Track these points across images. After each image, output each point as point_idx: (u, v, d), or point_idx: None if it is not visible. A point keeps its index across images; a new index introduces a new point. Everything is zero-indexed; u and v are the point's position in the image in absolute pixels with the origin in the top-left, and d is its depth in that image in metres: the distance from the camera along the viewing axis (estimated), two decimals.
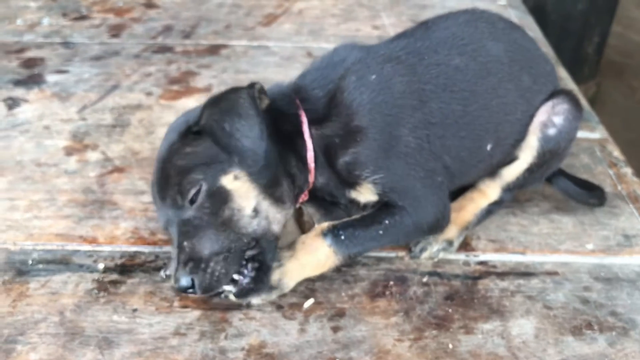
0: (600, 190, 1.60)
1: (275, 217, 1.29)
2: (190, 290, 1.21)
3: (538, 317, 1.30)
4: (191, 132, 1.25)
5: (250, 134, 1.22)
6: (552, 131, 1.46)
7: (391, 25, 2.52)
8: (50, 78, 2.11)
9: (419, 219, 1.34)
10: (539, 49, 1.57)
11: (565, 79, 2.17)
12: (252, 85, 1.28)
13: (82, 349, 1.20)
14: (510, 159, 1.50)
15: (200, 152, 1.23)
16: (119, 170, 1.68)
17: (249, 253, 1.25)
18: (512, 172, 1.51)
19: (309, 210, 1.50)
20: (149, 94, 2.03)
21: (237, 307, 1.30)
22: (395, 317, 1.29)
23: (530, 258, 1.45)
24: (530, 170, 1.49)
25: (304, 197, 1.39)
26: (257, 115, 1.23)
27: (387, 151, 1.32)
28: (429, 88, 1.37)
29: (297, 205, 1.41)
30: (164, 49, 2.31)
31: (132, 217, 1.53)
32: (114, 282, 1.36)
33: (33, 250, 1.43)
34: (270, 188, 1.27)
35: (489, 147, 1.43)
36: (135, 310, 1.29)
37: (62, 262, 1.40)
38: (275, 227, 1.29)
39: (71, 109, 1.94)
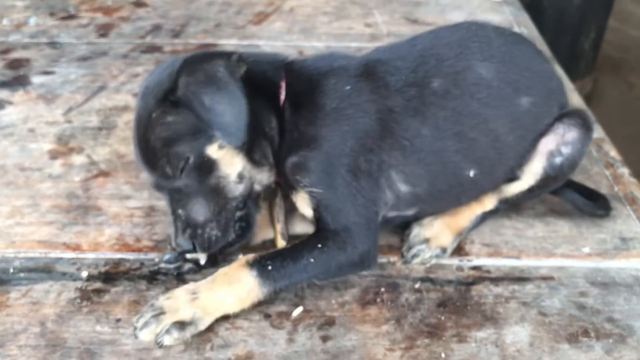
0: (604, 199, 1.55)
1: (257, 177, 1.32)
2: (193, 251, 1.30)
3: (533, 324, 1.27)
4: (169, 100, 1.22)
5: (231, 109, 1.21)
6: (558, 160, 1.41)
7: (384, 22, 2.48)
8: (36, 79, 2.07)
9: (351, 248, 1.28)
10: (545, 64, 1.46)
11: (561, 76, 2.13)
12: (229, 55, 1.24)
13: None
14: (510, 177, 1.45)
15: (182, 123, 1.22)
16: (104, 174, 1.64)
17: (238, 214, 1.30)
18: (511, 190, 1.46)
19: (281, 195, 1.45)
20: (136, 95, 1.98)
21: (224, 316, 1.26)
22: (386, 325, 1.26)
23: (525, 262, 1.42)
24: (531, 190, 1.45)
25: (277, 176, 1.37)
26: (238, 89, 1.21)
27: (334, 167, 1.28)
28: (398, 111, 1.32)
29: (272, 184, 1.39)
30: (153, 49, 2.27)
31: (117, 223, 1.49)
32: (97, 291, 1.32)
33: (15, 258, 1.39)
34: (252, 153, 1.29)
35: (471, 173, 1.37)
36: (118, 320, 1.25)
37: (44, 271, 1.37)
38: (258, 187, 1.33)
39: (57, 111, 1.90)
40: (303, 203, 1.32)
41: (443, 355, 1.20)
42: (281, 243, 1.40)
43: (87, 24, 2.45)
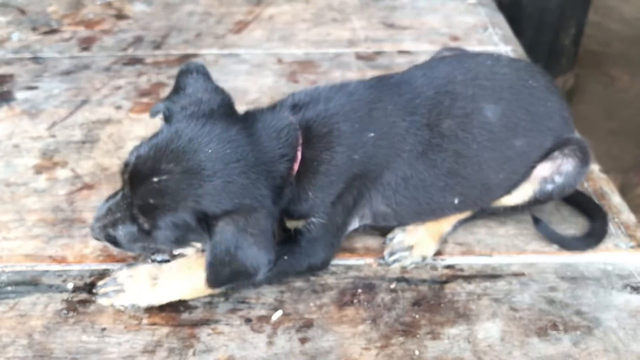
0: (600, 222, 1.53)
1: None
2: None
3: (504, 319, 1.32)
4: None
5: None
6: (549, 187, 1.45)
7: (362, 28, 2.53)
8: (20, 95, 2.10)
9: (313, 261, 1.38)
10: (549, 101, 1.47)
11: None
12: None
13: None
14: None
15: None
16: (88, 187, 1.68)
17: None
18: (496, 202, 1.50)
19: None
20: (118, 107, 2.02)
21: (206, 322, 1.31)
22: (362, 325, 1.30)
23: (497, 260, 1.46)
24: (515, 209, 1.50)
25: None
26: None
27: (337, 206, 1.36)
28: (405, 156, 1.37)
29: None
30: (134, 61, 2.31)
31: None
32: (83, 302, 1.36)
33: (2, 272, 1.43)
34: None
35: (455, 201, 1.43)
36: (104, 329, 1.30)
37: (31, 283, 1.40)
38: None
39: (41, 126, 1.94)
40: (295, 223, 1.38)
41: (417, 352, 1.25)
42: None
43: (69, 37, 2.49)
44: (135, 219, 1.25)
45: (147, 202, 1.21)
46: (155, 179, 1.20)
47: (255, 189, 1.23)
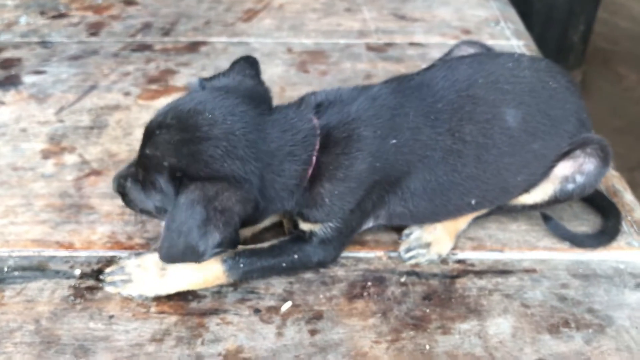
0: (612, 219, 1.51)
1: None
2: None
3: (515, 315, 1.30)
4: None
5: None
6: (570, 186, 1.43)
7: (372, 19, 2.51)
8: (28, 79, 2.09)
9: (323, 258, 1.37)
10: (571, 100, 1.45)
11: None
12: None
13: (57, 357, 1.20)
14: None
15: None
16: (96, 173, 1.67)
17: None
18: (515, 200, 1.48)
19: None
20: (127, 93, 2.01)
21: (215, 311, 1.30)
22: (372, 318, 1.29)
23: (508, 255, 1.45)
24: (534, 207, 1.48)
25: None
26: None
27: (355, 212, 1.35)
28: (426, 161, 1.34)
29: None
30: (143, 47, 2.29)
31: (109, 221, 1.51)
32: (90, 288, 1.35)
33: (9, 257, 1.42)
34: None
35: (473, 202, 1.41)
36: (111, 316, 1.28)
37: (38, 269, 1.39)
38: None
39: (48, 111, 1.92)
40: (310, 226, 1.37)
41: (427, 347, 1.23)
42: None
43: (77, 22, 2.47)
44: (137, 170, 1.28)
45: (144, 152, 1.24)
46: (157, 132, 1.23)
47: (240, 170, 1.20)
